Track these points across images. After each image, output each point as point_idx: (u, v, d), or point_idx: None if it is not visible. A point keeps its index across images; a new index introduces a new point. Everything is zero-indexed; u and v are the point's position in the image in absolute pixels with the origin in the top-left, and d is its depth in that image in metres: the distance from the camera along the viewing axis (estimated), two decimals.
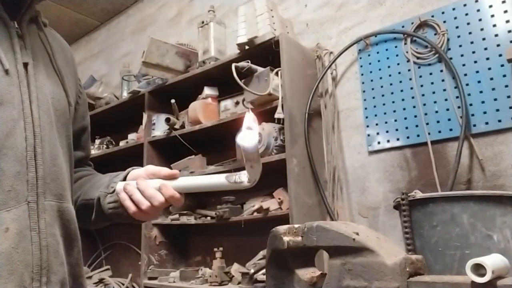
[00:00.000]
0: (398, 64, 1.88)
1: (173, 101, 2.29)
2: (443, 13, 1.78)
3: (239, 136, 0.66)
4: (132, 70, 2.99)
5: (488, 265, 0.48)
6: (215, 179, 0.70)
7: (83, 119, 0.89)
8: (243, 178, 0.69)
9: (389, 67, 1.91)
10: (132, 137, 2.70)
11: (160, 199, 0.71)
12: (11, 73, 0.67)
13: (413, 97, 1.80)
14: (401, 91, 1.85)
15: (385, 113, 1.88)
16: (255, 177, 0.69)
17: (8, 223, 0.62)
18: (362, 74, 1.99)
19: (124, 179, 0.77)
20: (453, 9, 1.75)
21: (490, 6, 1.66)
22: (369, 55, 1.99)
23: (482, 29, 1.67)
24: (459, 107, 1.65)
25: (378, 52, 1.96)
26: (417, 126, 1.78)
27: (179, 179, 0.73)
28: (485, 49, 1.65)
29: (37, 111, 0.69)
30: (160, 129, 2.42)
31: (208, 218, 2.16)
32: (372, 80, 1.95)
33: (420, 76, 1.80)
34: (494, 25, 1.64)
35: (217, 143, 2.39)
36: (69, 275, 0.71)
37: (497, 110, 1.58)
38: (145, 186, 0.72)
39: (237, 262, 2.05)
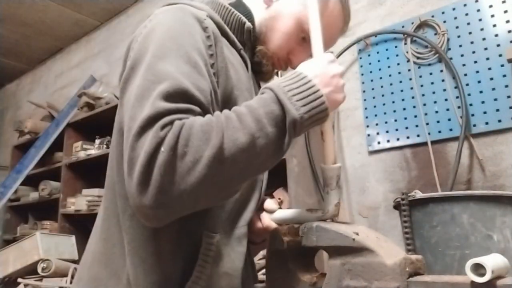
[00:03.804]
0: (398, 64, 1.88)
1: None
2: (443, 13, 1.78)
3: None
4: None
5: (487, 265, 0.48)
6: (300, 212, 0.78)
7: None
8: (318, 211, 0.74)
9: (389, 67, 1.91)
10: None
11: (258, 226, 0.83)
12: None
13: (413, 97, 1.80)
14: (401, 91, 1.85)
15: (385, 113, 1.88)
16: (328, 206, 0.71)
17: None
18: (362, 74, 1.99)
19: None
20: (453, 9, 1.75)
21: (490, 6, 1.66)
22: (369, 55, 1.99)
23: (482, 29, 1.67)
24: (459, 107, 1.65)
25: (378, 52, 1.96)
26: (417, 126, 1.78)
27: (276, 211, 0.84)
28: (485, 49, 1.65)
29: None
30: None
31: None
32: (372, 80, 1.95)
33: (420, 76, 1.80)
34: (494, 25, 1.64)
35: None
36: None
37: (497, 110, 1.58)
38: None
39: None
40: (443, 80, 1.73)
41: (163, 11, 0.71)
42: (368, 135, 1.92)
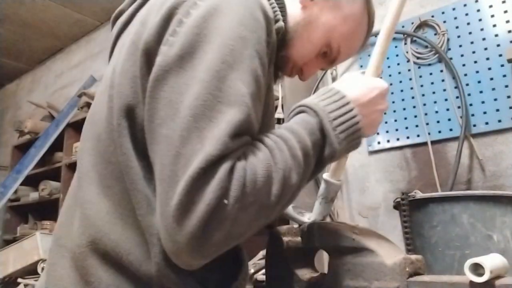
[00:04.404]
0: (398, 64, 1.88)
1: None
2: (443, 13, 1.78)
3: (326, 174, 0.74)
4: None
5: (486, 265, 0.48)
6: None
7: None
8: (305, 214, 0.73)
9: (389, 67, 1.91)
10: None
11: None
12: None
13: (413, 97, 1.80)
14: (401, 91, 1.85)
15: (385, 113, 1.88)
16: (317, 216, 0.71)
17: None
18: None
19: None
20: (453, 9, 1.75)
21: (490, 6, 1.66)
22: (369, 55, 1.98)
23: (482, 29, 1.67)
24: (459, 107, 1.65)
25: None
26: (417, 126, 1.78)
27: None
28: (485, 49, 1.65)
29: None
30: None
31: None
32: None
33: (420, 76, 1.80)
34: (494, 25, 1.64)
35: None
36: None
37: (497, 110, 1.58)
38: None
39: None
40: (443, 80, 1.73)
41: None
42: None
